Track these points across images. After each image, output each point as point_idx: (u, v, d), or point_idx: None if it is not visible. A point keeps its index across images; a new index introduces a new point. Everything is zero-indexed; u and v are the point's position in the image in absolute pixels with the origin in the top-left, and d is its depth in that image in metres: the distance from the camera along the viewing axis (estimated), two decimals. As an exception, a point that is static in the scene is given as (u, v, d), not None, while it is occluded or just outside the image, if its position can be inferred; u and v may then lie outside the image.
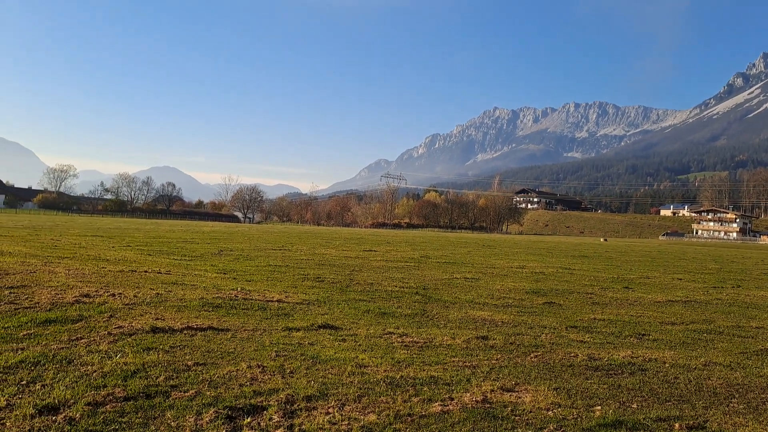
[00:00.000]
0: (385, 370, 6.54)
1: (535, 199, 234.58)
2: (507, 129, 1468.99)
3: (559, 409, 5.57)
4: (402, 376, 6.33)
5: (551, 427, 5.09)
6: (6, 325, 7.85)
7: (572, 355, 7.93)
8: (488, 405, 5.58)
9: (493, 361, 7.35)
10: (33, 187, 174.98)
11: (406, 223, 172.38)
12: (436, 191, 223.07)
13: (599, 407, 5.68)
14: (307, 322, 9.19)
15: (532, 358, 7.66)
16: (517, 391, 6.08)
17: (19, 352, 6.59)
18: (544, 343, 8.65)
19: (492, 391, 6.01)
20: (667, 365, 7.59)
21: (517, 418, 5.30)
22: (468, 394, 5.84)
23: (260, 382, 5.90)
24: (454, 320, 10.35)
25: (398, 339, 8.31)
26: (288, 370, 6.35)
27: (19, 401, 5.10)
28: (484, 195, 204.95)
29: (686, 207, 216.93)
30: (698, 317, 12.09)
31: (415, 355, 7.40)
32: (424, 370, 6.66)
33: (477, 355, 7.63)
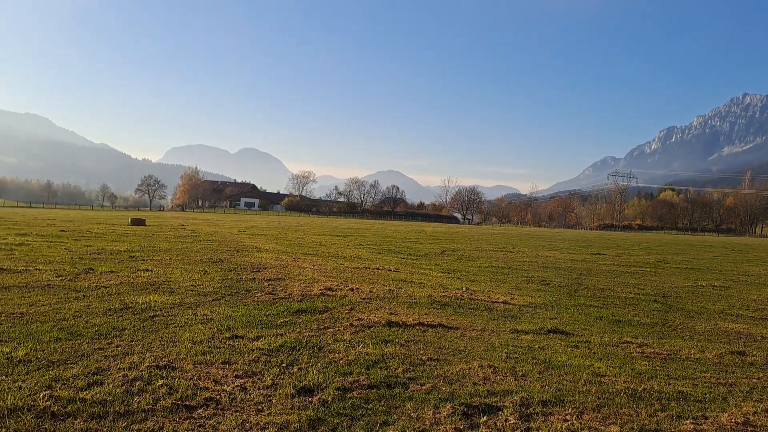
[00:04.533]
0: (624, 381, 6.13)
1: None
2: (761, 117, 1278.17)
3: None
4: (644, 389, 5.88)
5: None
6: (267, 313, 8.98)
7: None
8: (751, 428, 4.92)
9: (754, 380, 6.46)
10: (281, 192, 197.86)
11: (637, 224, 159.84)
12: (672, 190, 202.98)
13: None
14: (536, 325, 9.00)
15: (805, 381, 6.58)
16: (789, 418, 5.27)
17: (279, 337, 7.49)
18: (821, 365, 7.38)
19: (755, 413, 5.29)
20: None
21: (790, 449, 4.59)
22: (725, 414, 5.21)
23: (493, 382, 5.93)
24: (701, 332, 9.32)
25: (637, 349, 7.73)
26: (520, 373, 6.28)
27: (281, 381, 5.78)
28: (732, 193, 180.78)
29: None
30: None
31: (657, 368, 6.81)
32: (669, 384, 6.10)
33: (733, 372, 6.78)
